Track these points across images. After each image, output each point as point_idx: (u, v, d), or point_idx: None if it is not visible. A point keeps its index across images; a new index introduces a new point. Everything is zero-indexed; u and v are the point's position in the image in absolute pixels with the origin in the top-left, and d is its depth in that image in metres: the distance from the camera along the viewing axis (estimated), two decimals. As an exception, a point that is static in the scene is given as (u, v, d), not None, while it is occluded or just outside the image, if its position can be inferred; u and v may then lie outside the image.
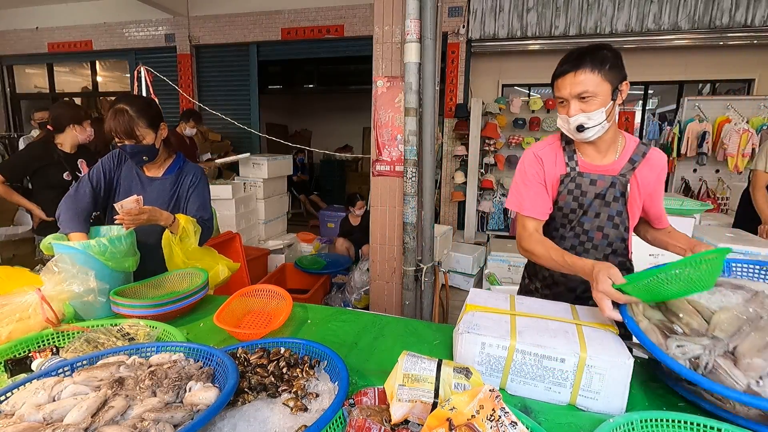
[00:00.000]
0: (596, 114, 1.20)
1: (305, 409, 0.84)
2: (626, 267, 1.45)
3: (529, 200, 1.39)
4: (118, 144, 1.64)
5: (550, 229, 1.45)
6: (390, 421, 0.76)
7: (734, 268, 1.08)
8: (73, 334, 1.17)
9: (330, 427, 0.77)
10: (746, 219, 3.01)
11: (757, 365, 0.81)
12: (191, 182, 1.78)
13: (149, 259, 1.62)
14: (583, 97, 1.19)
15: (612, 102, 1.21)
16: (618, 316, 0.99)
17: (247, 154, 4.75)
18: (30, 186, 2.98)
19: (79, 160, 2.89)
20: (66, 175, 2.77)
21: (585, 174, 1.33)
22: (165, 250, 1.63)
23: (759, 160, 2.90)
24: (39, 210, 2.80)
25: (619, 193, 1.31)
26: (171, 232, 1.63)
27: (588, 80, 1.17)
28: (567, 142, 1.38)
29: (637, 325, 0.96)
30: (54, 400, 0.79)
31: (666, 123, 7.04)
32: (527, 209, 1.39)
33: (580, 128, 1.22)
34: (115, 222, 1.54)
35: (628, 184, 1.31)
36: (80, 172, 2.87)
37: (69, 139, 2.79)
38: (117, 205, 1.48)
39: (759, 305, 0.94)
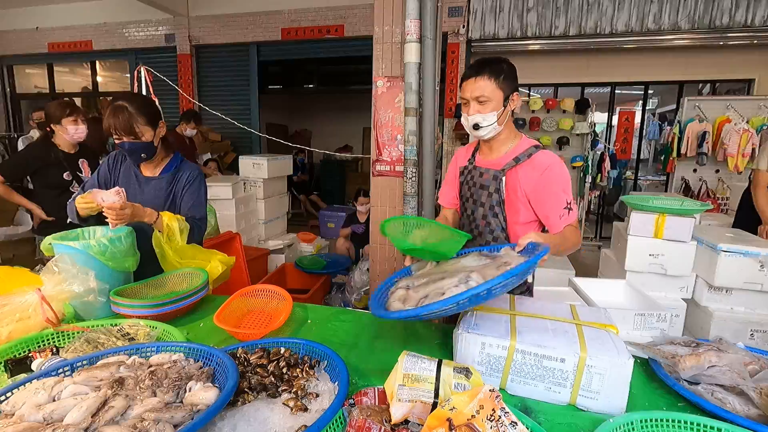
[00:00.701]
0: (489, 116, 1.39)
1: (305, 409, 0.84)
2: None
3: (443, 191, 1.71)
4: (117, 141, 1.63)
5: (461, 219, 1.66)
6: (390, 421, 0.76)
7: None
8: (73, 334, 1.17)
9: (330, 427, 0.77)
10: (747, 220, 3.00)
11: (412, 296, 1.07)
12: (186, 180, 1.78)
13: (150, 262, 1.62)
14: (481, 101, 1.38)
15: (504, 108, 1.41)
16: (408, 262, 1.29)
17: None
18: (31, 186, 2.97)
19: (81, 160, 2.85)
20: (66, 175, 2.75)
21: (477, 167, 1.54)
22: (157, 250, 1.62)
23: (761, 160, 2.88)
24: (39, 210, 2.78)
25: (498, 186, 1.48)
26: (158, 231, 1.61)
27: (486, 86, 1.37)
28: (480, 143, 1.60)
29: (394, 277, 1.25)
30: (54, 400, 0.79)
31: (666, 123, 7.04)
32: (440, 199, 1.73)
33: (476, 126, 1.41)
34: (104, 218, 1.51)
35: (503, 178, 1.46)
36: (81, 172, 2.84)
37: (59, 138, 2.74)
38: (98, 198, 1.44)
39: (490, 265, 1.12)
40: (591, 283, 1.88)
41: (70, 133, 2.69)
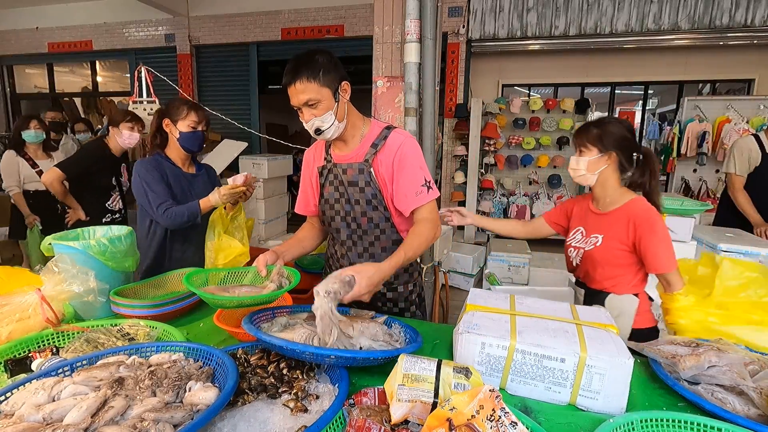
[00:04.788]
0: (326, 117, 1.30)
1: (305, 410, 0.84)
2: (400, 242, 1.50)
3: (301, 199, 1.59)
4: (200, 130, 1.88)
5: (325, 225, 1.55)
6: (390, 421, 0.76)
7: None
8: (73, 334, 1.17)
9: (330, 428, 0.77)
10: (727, 220, 3.01)
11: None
12: (214, 176, 2.09)
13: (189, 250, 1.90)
14: (311, 104, 1.28)
15: (337, 103, 1.31)
16: None
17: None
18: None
19: (122, 164, 2.98)
20: (113, 180, 2.88)
21: (338, 164, 1.44)
22: (214, 216, 1.80)
23: (729, 163, 2.91)
24: (81, 210, 2.86)
25: (368, 178, 1.40)
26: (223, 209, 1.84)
27: (308, 89, 1.26)
28: None
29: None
30: (54, 400, 0.79)
31: (666, 123, 7.04)
32: (299, 208, 1.61)
33: (318, 131, 1.33)
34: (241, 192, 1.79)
35: (372, 169, 1.39)
36: (121, 177, 2.96)
37: (112, 141, 2.84)
38: (241, 175, 1.79)
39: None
40: (591, 283, 1.88)
41: (124, 136, 2.80)
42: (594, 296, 1.58)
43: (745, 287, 1.26)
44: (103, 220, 2.86)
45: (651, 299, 1.59)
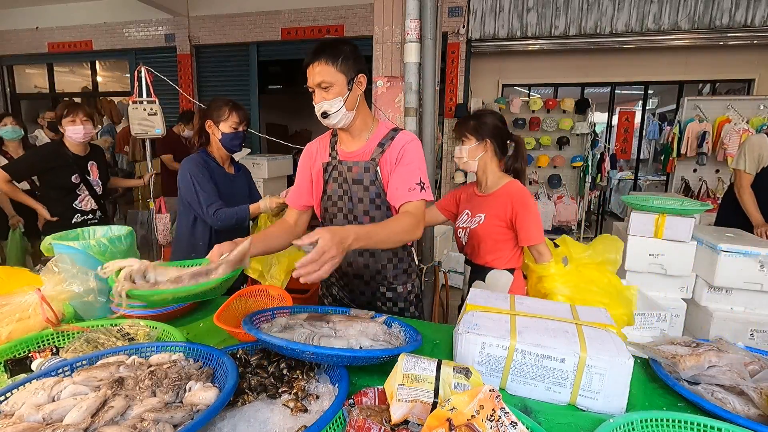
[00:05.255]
0: (335, 102, 1.32)
1: (305, 410, 0.84)
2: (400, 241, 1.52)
3: (294, 191, 1.56)
4: (240, 129, 1.92)
5: (327, 222, 1.53)
6: (390, 421, 0.76)
7: None
8: (73, 334, 1.17)
9: (330, 428, 0.77)
10: (729, 219, 3.01)
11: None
12: (251, 177, 2.17)
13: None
14: (323, 86, 1.30)
15: (349, 91, 1.33)
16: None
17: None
18: (38, 186, 2.93)
19: (90, 162, 2.82)
20: (74, 178, 2.72)
21: (344, 161, 1.44)
22: (260, 225, 2.01)
23: (740, 160, 2.90)
24: (44, 210, 2.75)
25: (374, 177, 1.40)
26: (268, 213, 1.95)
27: (324, 71, 1.29)
28: (334, 134, 1.51)
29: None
30: (54, 401, 0.79)
31: (666, 123, 7.06)
32: (289, 199, 1.58)
33: (324, 114, 1.34)
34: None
35: (378, 168, 1.40)
36: (90, 175, 2.82)
37: (68, 139, 2.71)
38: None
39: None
40: (591, 283, 1.88)
41: (69, 132, 2.65)
42: (479, 272, 1.76)
43: (585, 249, 1.64)
44: (73, 220, 2.74)
45: (525, 278, 1.77)
